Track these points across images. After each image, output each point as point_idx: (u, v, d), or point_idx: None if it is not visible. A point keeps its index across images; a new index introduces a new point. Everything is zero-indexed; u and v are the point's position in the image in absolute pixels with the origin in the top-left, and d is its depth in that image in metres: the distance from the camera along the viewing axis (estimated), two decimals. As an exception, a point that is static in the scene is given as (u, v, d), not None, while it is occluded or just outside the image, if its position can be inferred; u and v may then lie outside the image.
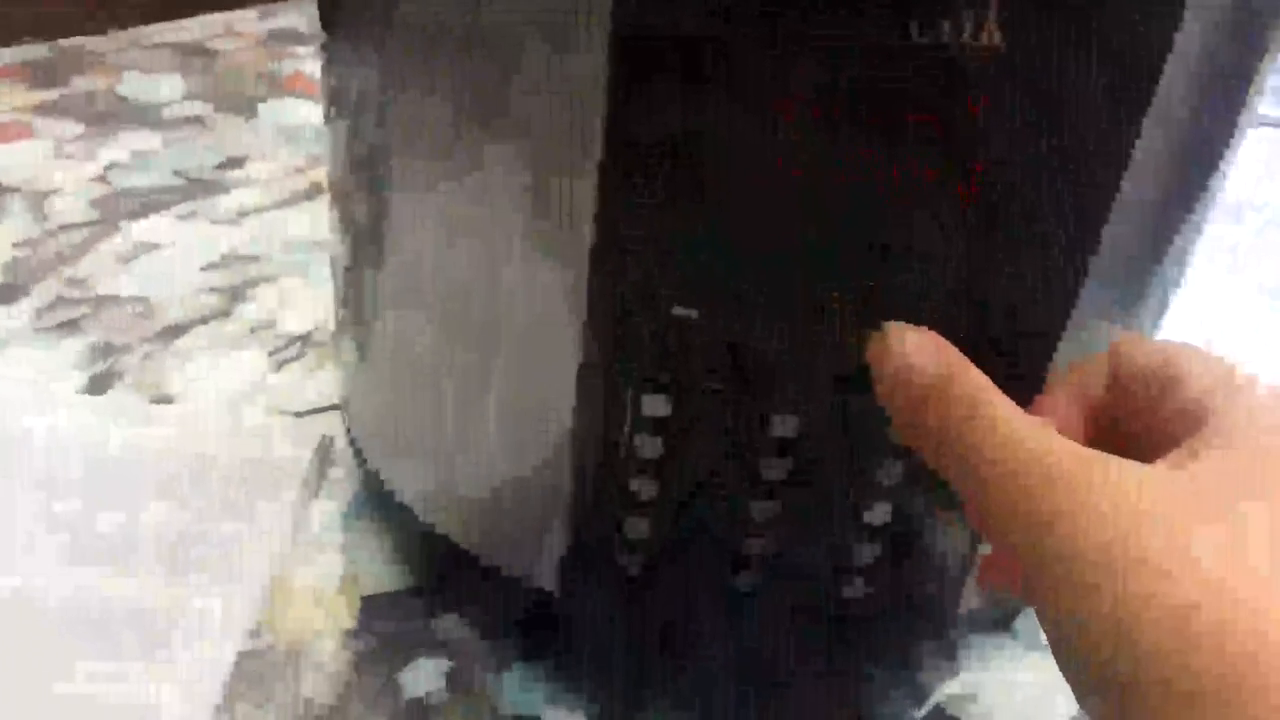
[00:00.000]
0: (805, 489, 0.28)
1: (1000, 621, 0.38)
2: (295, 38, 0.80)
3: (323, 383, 0.46)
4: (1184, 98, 0.25)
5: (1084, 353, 0.27)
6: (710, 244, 0.25)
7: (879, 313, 0.26)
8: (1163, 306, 0.31)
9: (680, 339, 0.26)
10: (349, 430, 0.38)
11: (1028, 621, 0.38)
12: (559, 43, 0.24)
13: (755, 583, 0.30)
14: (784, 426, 0.27)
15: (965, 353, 0.25)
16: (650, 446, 0.28)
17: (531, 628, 0.35)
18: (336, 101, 0.32)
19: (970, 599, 0.33)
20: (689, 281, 0.26)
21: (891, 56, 0.22)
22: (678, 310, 0.26)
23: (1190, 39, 0.23)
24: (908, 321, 0.25)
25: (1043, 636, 0.37)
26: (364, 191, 0.32)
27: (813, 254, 0.25)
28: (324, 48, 0.32)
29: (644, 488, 0.29)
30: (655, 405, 0.28)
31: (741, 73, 0.23)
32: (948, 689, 0.35)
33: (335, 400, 0.44)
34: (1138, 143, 0.24)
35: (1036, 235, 0.25)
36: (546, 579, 0.32)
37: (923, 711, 0.35)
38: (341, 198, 0.34)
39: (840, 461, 0.28)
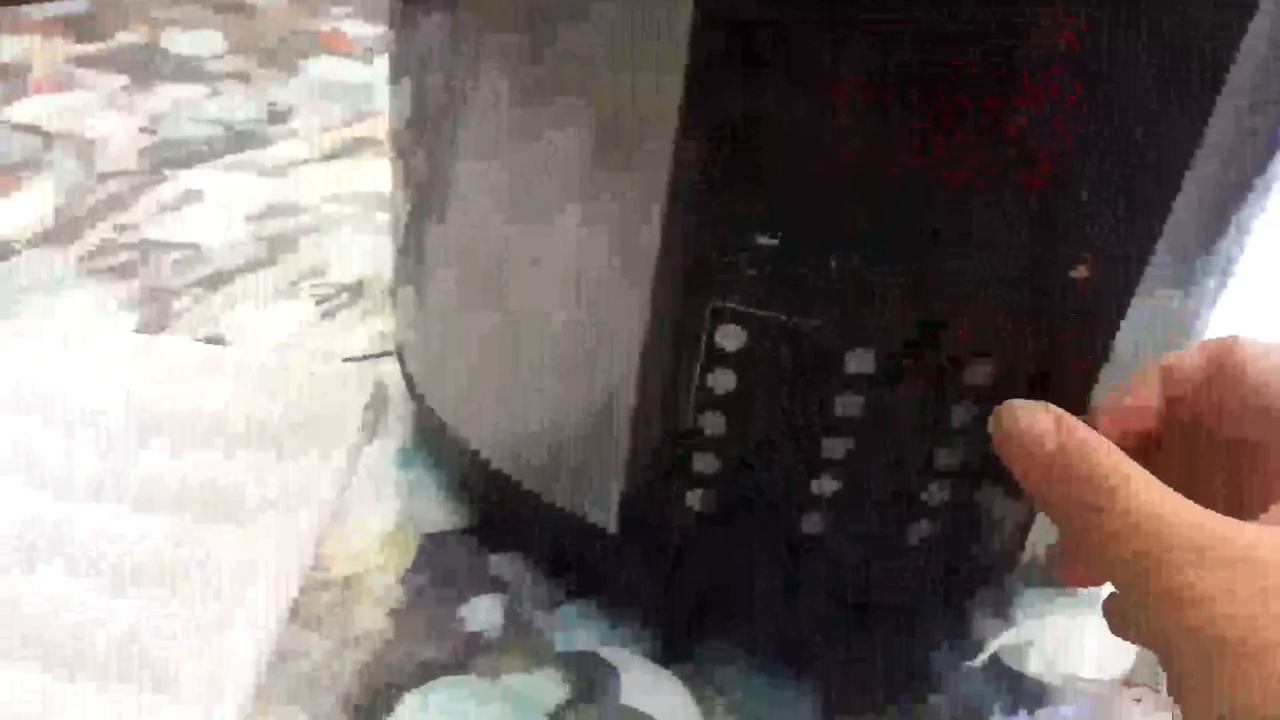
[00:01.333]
0: (878, 427, 0.28)
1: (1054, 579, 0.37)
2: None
3: (373, 330, 0.46)
4: (1253, 85, 0.24)
5: (1140, 343, 0.27)
6: (795, 174, 0.25)
7: (947, 258, 0.26)
8: (1219, 290, 0.31)
9: (759, 268, 0.26)
10: (407, 372, 0.38)
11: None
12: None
13: (822, 525, 0.30)
14: (860, 362, 0.27)
15: (1036, 328, 0.26)
16: (722, 381, 0.28)
17: (588, 565, 0.35)
18: (403, 55, 0.32)
19: (1030, 550, 0.33)
20: (770, 209, 0.26)
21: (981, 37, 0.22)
22: (760, 239, 0.26)
23: (1260, 29, 0.23)
24: (967, 299, 0.26)
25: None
26: (429, 142, 0.32)
27: (900, 189, 0.25)
28: (394, 4, 0.32)
29: (711, 424, 0.29)
30: (729, 338, 0.28)
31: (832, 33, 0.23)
32: (1003, 639, 0.35)
33: (388, 346, 0.44)
34: (1205, 129, 0.24)
35: (1100, 221, 0.25)
36: (606, 517, 0.32)
37: (979, 660, 0.35)
38: (404, 149, 0.34)
39: (915, 400, 0.28)
